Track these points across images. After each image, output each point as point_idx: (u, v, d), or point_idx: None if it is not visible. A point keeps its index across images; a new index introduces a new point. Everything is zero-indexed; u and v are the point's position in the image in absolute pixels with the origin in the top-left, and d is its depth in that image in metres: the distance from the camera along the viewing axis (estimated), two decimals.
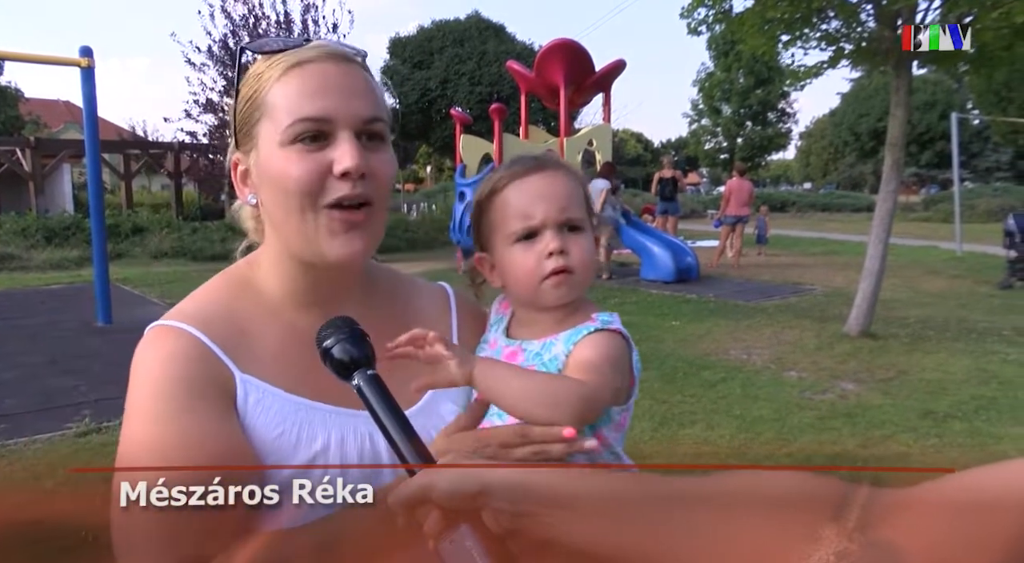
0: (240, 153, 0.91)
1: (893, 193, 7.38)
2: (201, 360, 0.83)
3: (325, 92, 0.83)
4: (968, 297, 10.05)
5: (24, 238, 15.65)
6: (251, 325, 0.89)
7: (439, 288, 1.11)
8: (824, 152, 52.97)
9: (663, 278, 11.34)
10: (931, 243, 17.34)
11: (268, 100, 0.85)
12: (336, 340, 0.77)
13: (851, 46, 7.56)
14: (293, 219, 0.85)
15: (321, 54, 0.86)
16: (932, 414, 5.10)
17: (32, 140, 20.11)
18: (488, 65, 27.83)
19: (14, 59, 8.63)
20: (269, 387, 0.85)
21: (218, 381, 0.83)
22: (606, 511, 0.61)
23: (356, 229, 0.85)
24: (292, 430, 0.85)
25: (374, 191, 0.86)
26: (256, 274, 0.94)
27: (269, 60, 0.87)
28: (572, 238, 0.96)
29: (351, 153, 0.82)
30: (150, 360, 0.83)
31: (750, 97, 38.35)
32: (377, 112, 0.87)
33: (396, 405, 0.76)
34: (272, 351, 0.89)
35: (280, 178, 0.84)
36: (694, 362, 6.55)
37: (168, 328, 0.85)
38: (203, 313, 0.88)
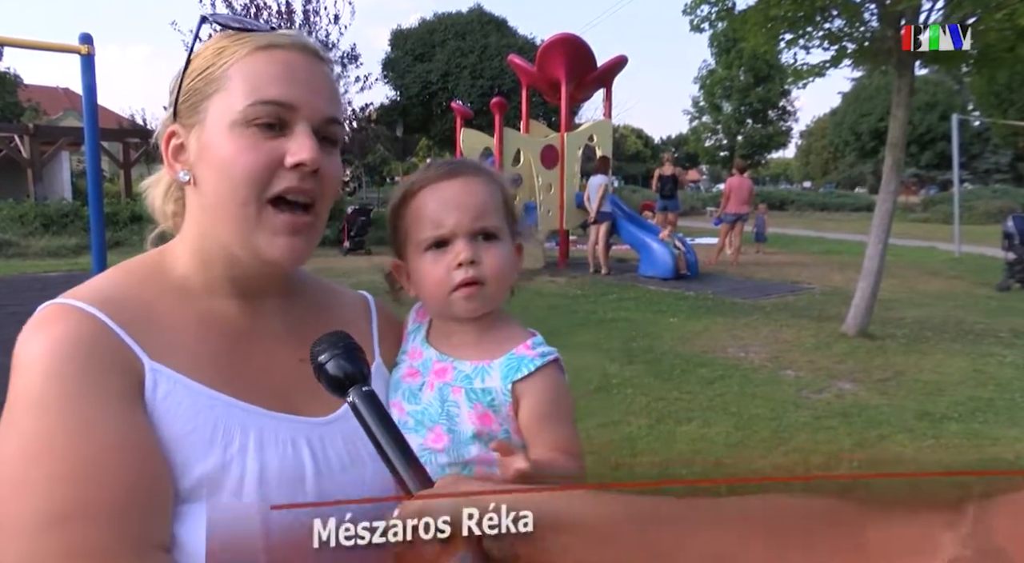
0: (178, 125, 0.83)
1: (893, 193, 7.37)
2: (101, 343, 0.73)
3: (291, 80, 0.79)
4: (966, 298, 10.06)
5: (22, 225, 15.61)
6: (162, 311, 0.81)
7: (360, 296, 1.06)
8: (824, 151, 52.96)
9: (661, 275, 11.35)
10: (930, 244, 17.36)
11: (228, 75, 0.79)
12: (331, 355, 0.74)
13: (854, 46, 7.55)
14: (232, 207, 0.79)
15: (293, 43, 0.82)
16: (929, 415, 5.11)
17: (31, 127, 20.00)
18: (490, 59, 27.79)
19: (13, 45, 8.59)
20: (183, 378, 0.77)
21: (122, 367, 0.73)
22: (611, 536, 0.60)
23: (299, 233, 0.80)
24: (205, 427, 0.75)
25: (321, 192, 0.81)
26: (169, 260, 0.87)
27: (234, 37, 0.82)
28: (486, 247, 0.92)
29: (308, 145, 0.78)
30: (39, 344, 0.72)
31: (751, 95, 38.37)
32: (337, 114, 0.84)
33: (393, 423, 0.73)
34: (186, 340, 0.80)
35: (226, 161, 0.78)
36: (691, 359, 6.55)
37: (62, 307, 0.76)
38: (105, 293, 0.79)
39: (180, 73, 0.83)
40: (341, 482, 0.81)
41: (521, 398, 0.91)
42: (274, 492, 0.77)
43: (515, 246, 0.98)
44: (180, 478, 0.73)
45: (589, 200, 11.75)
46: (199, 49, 0.83)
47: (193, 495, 0.73)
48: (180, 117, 0.83)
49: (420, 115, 29.40)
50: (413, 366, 0.97)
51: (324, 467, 0.82)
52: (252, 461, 0.77)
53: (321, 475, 0.81)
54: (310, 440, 0.83)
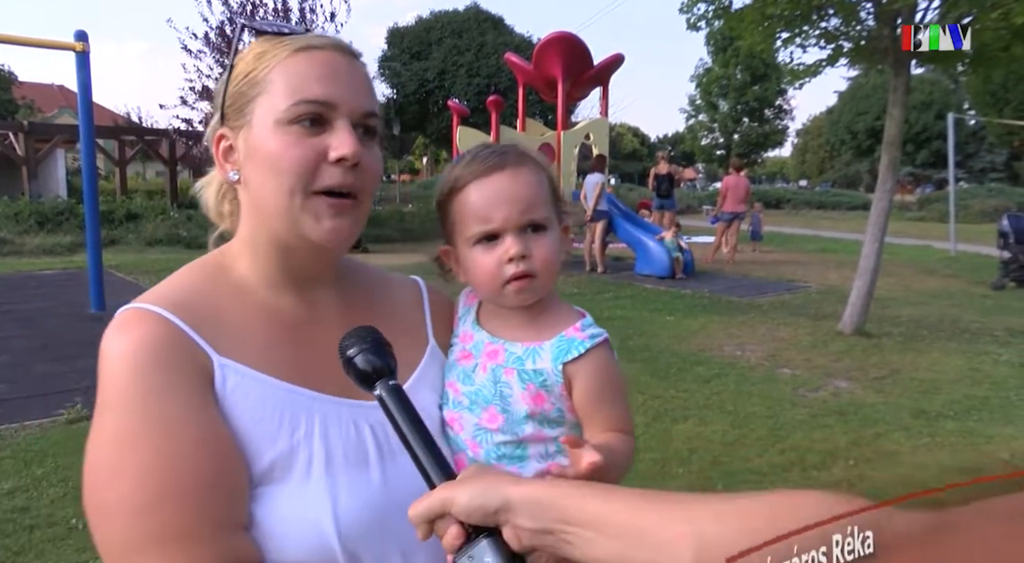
0: (227, 128, 0.88)
1: (889, 192, 7.39)
2: (176, 344, 0.79)
3: (331, 79, 0.84)
4: (961, 297, 10.09)
5: (17, 223, 15.55)
6: (226, 308, 0.86)
7: (412, 281, 1.10)
8: (820, 150, 53.02)
9: (658, 273, 11.36)
10: (926, 242, 17.41)
11: (270, 78, 0.84)
12: (359, 350, 0.77)
13: (850, 45, 7.56)
14: (280, 199, 0.83)
15: (329, 43, 0.87)
16: (924, 413, 5.12)
17: (25, 124, 19.92)
18: (486, 57, 27.76)
19: (8, 42, 8.55)
20: (249, 371, 0.82)
21: (194, 365, 0.79)
22: (635, 531, 0.60)
23: (343, 215, 0.84)
24: (273, 415, 0.82)
25: (363, 183, 0.86)
26: (231, 259, 0.92)
27: (273, 41, 0.87)
28: (535, 239, 0.93)
29: (349, 141, 0.82)
30: (121, 345, 0.78)
31: (747, 93, 38.40)
32: (375, 108, 0.88)
33: (418, 416, 0.75)
34: (249, 334, 0.86)
35: (274, 157, 0.82)
36: (688, 358, 6.55)
37: (139, 311, 0.81)
38: (176, 296, 0.85)
39: (225, 79, 0.88)
40: (405, 462, 0.83)
41: (573, 379, 0.92)
42: (341, 472, 0.83)
43: (562, 229, 0.98)
44: (253, 463, 0.79)
45: (586, 198, 11.74)
46: (240, 54, 0.88)
47: (266, 478, 0.79)
48: (228, 120, 0.88)
49: (417, 113, 29.36)
50: (466, 348, 0.99)
51: (387, 449, 0.88)
52: (318, 445, 0.83)
53: (384, 456, 0.87)
54: (371, 423, 0.88)
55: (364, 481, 0.84)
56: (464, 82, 27.93)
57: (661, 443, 4.53)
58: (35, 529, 3.38)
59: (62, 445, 4.40)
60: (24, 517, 3.50)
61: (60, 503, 3.64)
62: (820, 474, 4.11)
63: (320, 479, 0.81)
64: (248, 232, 0.90)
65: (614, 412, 0.94)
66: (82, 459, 0.79)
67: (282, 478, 0.80)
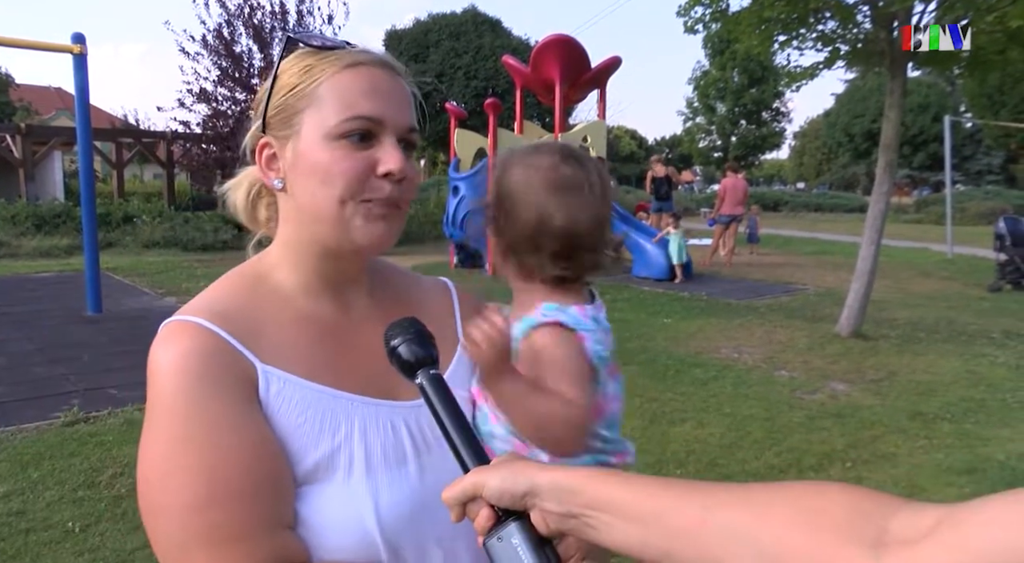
0: (271, 137, 0.92)
1: (886, 194, 7.40)
2: (220, 354, 0.83)
3: (378, 95, 0.88)
4: (958, 299, 10.11)
5: (14, 225, 15.53)
6: (266, 316, 0.91)
7: (441, 282, 1.15)
8: (818, 152, 53.09)
9: (655, 276, 11.36)
10: (922, 245, 17.44)
11: (319, 93, 0.88)
12: (403, 340, 0.80)
13: (847, 47, 7.58)
14: (331, 206, 0.87)
15: (375, 60, 0.91)
16: (921, 415, 5.13)
17: (23, 127, 19.88)
18: (484, 60, 27.77)
19: (5, 45, 8.54)
20: (290, 376, 0.87)
21: (238, 373, 0.83)
22: (653, 516, 0.61)
23: (387, 220, 0.89)
24: (314, 418, 0.86)
25: (406, 194, 0.91)
26: (270, 268, 0.96)
27: (319, 55, 0.90)
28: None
29: (396, 156, 0.87)
30: (168, 357, 0.82)
31: (744, 96, 38.41)
32: (415, 124, 0.93)
33: (456, 405, 0.79)
34: (289, 340, 0.90)
35: (325, 170, 0.87)
36: (685, 360, 6.56)
37: (183, 323, 0.85)
38: (217, 306, 0.88)
39: (268, 89, 0.92)
40: (439, 456, 0.89)
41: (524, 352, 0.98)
42: (381, 471, 0.87)
43: None
44: (297, 465, 0.83)
45: None
46: (284, 66, 0.91)
47: (310, 478, 0.84)
48: (271, 129, 0.91)
49: None
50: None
51: (422, 445, 0.92)
52: (358, 445, 0.87)
53: (420, 453, 0.92)
54: (407, 422, 0.93)
55: (403, 477, 0.89)
56: (462, 85, 27.93)
57: (658, 445, 4.53)
58: (31, 532, 3.38)
59: (58, 448, 4.39)
60: (20, 521, 3.49)
61: (56, 506, 3.64)
62: (817, 476, 4.11)
63: (362, 478, 0.86)
64: (289, 238, 0.94)
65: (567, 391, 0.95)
66: (78, 462, 0.81)
67: (326, 478, 0.84)
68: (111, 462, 4.17)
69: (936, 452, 4.49)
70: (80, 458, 4.22)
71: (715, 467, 4.23)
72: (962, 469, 4.21)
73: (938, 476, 4.13)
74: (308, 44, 0.92)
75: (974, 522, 0.47)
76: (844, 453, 4.45)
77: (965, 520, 0.48)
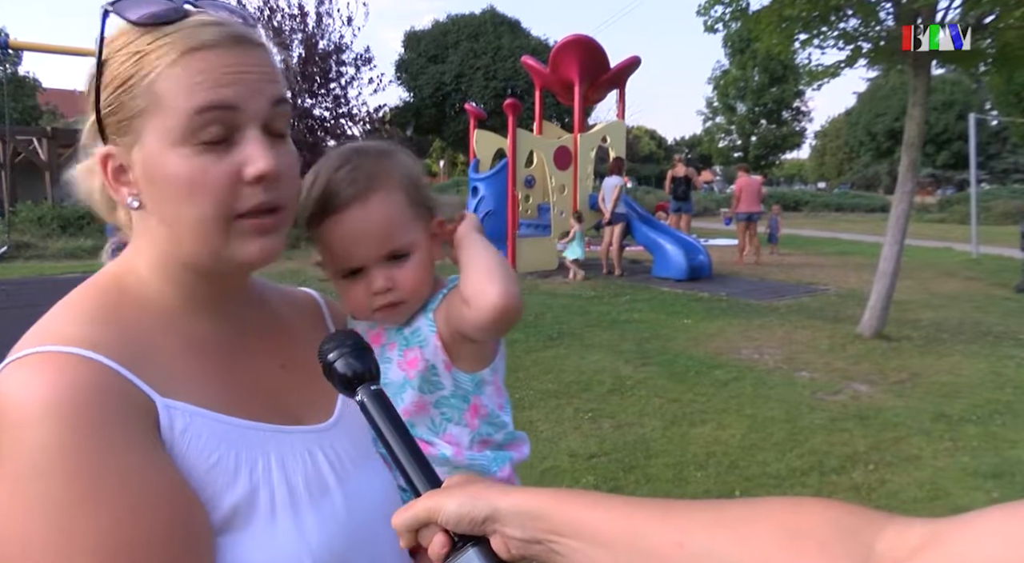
0: (113, 146, 0.75)
1: (909, 194, 7.32)
2: (110, 388, 0.67)
3: (228, 82, 0.72)
4: (984, 300, 9.96)
5: (40, 227, 15.78)
6: (150, 340, 0.75)
7: (307, 294, 1.04)
8: (839, 151, 52.64)
9: (675, 276, 11.32)
10: (946, 245, 17.22)
11: (156, 89, 0.71)
12: (339, 354, 0.74)
13: (869, 45, 7.50)
14: (198, 229, 0.74)
15: (221, 38, 0.73)
16: (946, 417, 5.06)
17: (49, 130, 20.18)
18: (503, 60, 27.81)
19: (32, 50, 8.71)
20: (196, 410, 0.72)
21: (136, 411, 0.68)
22: (625, 541, 0.58)
23: (269, 233, 0.77)
24: (228, 456, 0.73)
25: (286, 194, 0.77)
26: (133, 281, 0.81)
27: (151, 35, 0.72)
28: (398, 268, 0.92)
29: (263, 154, 0.73)
30: (35, 400, 0.63)
31: (765, 95, 38.19)
32: (282, 93, 0.77)
33: (401, 422, 0.73)
34: (183, 368, 0.76)
35: (182, 186, 0.72)
36: (705, 361, 6.52)
37: (47, 355, 0.67)
38: (87, 331, 0.71)
39: (93, 81, 0.74)
40: (359, 478, 0.82)
41: (441, 314, 0.93)
42: (306, 507, 0.77)
43: (435, 223, 0.96)
44: (212, 512, 0.70)
45: (604, 201, 11.73)
46: (111, 49, 0.74)
47: (228, 525, 0.71)
48: (110, 133, 0.75)
49: (433, 116, 29.46)
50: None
51: (342, 472, 0.82)
52: (279, 481, 0.76)
53: (341, 481, 0.82)
54: (323, 447, 0.83)
55: (329, 510, 0.79)
56: (481, 85, 27.99)
57: (678, 447, 4.51)
58: None
59: None
60: None
61: None
62: (839, 478, 4.07)
63: (287, 517, 0.74)
64: (157, 257, 0.80)
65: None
66: None
67: (246, 522, 0.72)
68: None
69: (961, 455, 4.43)
70: None
71: (736, 469, 4.20)
72: (988, 472, 4.15)
73: (963, 479, 4.07)
74: (127, 19, 0.73)
75: (962, 540, 0.46)
76: (867, 455, 4.40)
77: (953, 538, 0.46)
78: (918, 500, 3.79)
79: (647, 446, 4.51)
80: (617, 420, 4.97)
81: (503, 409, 0.98)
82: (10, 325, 5.34)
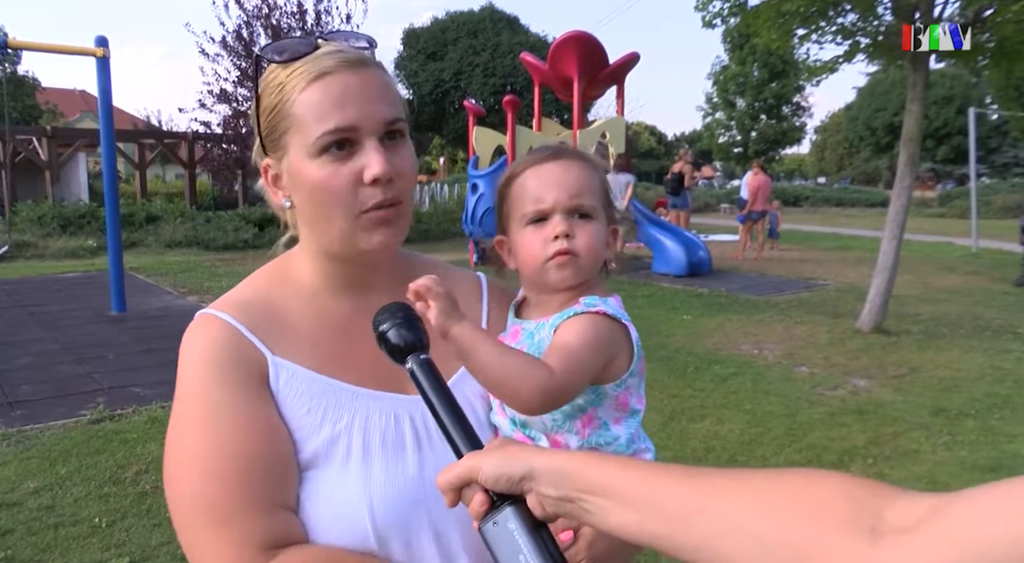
0: (270, 159, 0.95)
1: (908, 189, 7.32)
2: (232, 345, 0.90)
3: (348, 103, 0.88)
4: (983, 294, 9.97)
5: (40, 226, 15.77)
6: (287, 312, 0.96)
7: (473, 275, 1.16)
8: (839, 147, 52.56)
9: (675, 272, 11.33)
10: (946, 239, 17.22)
11: (294, 112, 0.89)
12: (392, 325, 0.81)
13: (867, 40, 7.50)
14: (329, 225, 0.91)
15: (340, 64, 0.89)
16: (944, 412, 5.07)
17: (49, 129, 20.20)
18: (502, 57, 27.77)
19: (31, 49, 8.68)
20: (299, 368, 0.92)
21: (250, 363, 0.90)
22: (650, 501, 0.61)
23: (387, 224, 0.91)
24: (318, 408, 0.90)
25: (402, 190, 0.91)
26: (294, 266, 1.01)
27: (288, 69, 0.91)
28: (580, 224, 0.99)
29: (378, 160, 0.87)
30: (190, 347, 0.91)
31: (764, 90, 38.08)
32: (397, 113, 0.92)
33: (447, 389, 0.78)
34: (304, 335, 0.95)
35: (313, 188, 0.89)
36: (704, 356, 6.53)
37: (207, 316, 0.93)
38: (241, 301, 0.95)
39: (255, 110, 0.94)
40: (441, 450, 0.87)
41: (555, 335, 0.96)
42: (377, 459, 0.90)
43: (610, 229, 1.04)
44: (300, 451, 0.88)
45: (617, 199, 11.67)
46: (263, 84, 0.94)
47: (310, 465, 0.89)
48: (268, 150, 0.95)
49: (433, 114, 29.42)
50: (503, 336, 1.05)
51: (424, 437, 0.94)
52: (357, 434, 0.91)
53: (421, 445, 0.93)
54: (411, 414, 0.95)
55: (400, 468, 0.91)
56: (480, 82, 27.96)
57: (678, 442, 4.52)
58: (60, 527, 3.44)
59: (85, 445, 4.46)
60: (49, 516, 3.56)
61: (84, 502, 3.70)
62: None
63: (357, 466, 0.89)
64: (308, 247, 0.99)
65: (561, 350, 0.92)
66: (104, 459, 0.87)
67: (324, 465, 0.88)
68: (135, 459, 4.23)
69: (960, 449, 4.44)
70: (106, 455, 4.29)
71: (734, 464, 4.21)
72: (987, 466, 4.16)
73: (962, 473, 4.09)
74: (272, 61, 0.92)
75: (969, 512, 0.47)
76: (865, 450, 4.41)
77: (960, 509, 0.48)
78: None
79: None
80: None
81: (620, 423, 1.00)
82: (11, 324, 5.39)
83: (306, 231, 0.97)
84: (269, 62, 0.93)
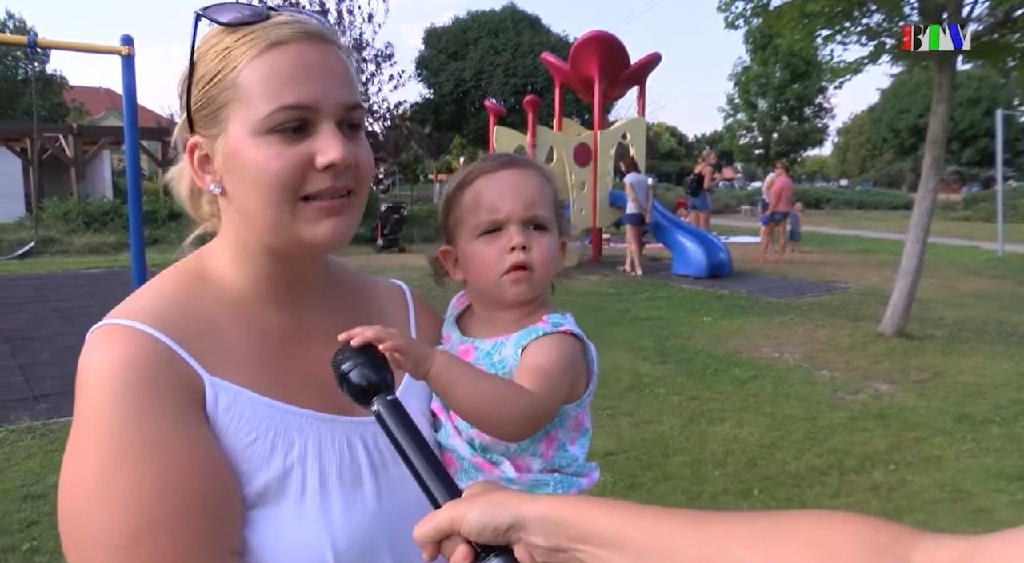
0: (200, 136, 0.81)
1: (932, 191, 7.23)
2: (161, 362, 0.74)
3: (306, 77, 0.77)
4: (1009, 299, 9.82)
5: (65, 223, 16.01)
6: (215, 323, 0.81)
7: (395, 286, 1.07)
8: (862, 148, 52.03)
9: (695, 273, 11.26)
10: (971, 243, 16.98)
11: (240, 81, 0.77)
12: (354, 364, 0.73)
13: (893, 41, 7.41)
14: (269, 212, 0.78)
15: (299, 33, 0.78)
16: (968, 418, 5.00)
17: (74, 127, 20.47)
18: (523, 57, 27.75)
19: (59, 48, 8.82)
20: (241, 390, 0.78)
21: (183, 385, 0.75)
22: (657, 550, 0.57)
23: (338, 214, 0.80)
24: (266, 436, 0.78)
25: (356, 181, 0.81)
26: (214, 267, 0.86)
27: (236, 34, 0.78)
28: (536, 236, 0.95)
29: (335, 145, 0.77)
30: (101, 365, 0.74)
31: (787, 91, 37.77)
32: (357, 98, 0.82)
33: (418, 432, 0.72)
34: (240, 352, 0.81)
35: (256, 170, 0.77)
36: (724, 359, 6.49)
37: (119, 328, 0.76)
38: (158, 310, 0.79)
39: (186, 79, 0.81)
40: (395, 476, 0.83)
41: (528, 350, 0.92)
42: (336, 494, 0.80)
43: (560, 243, 1.00)
44: (246, 486, 0.76)
45: (637, 199, 11.49)
46: (200, 50, 0.80)
47: (259, 501, 0.76)
48: (198, 126, 0.81)
49: (453, 113, 29.47)
50: (445, 349, 0.98)
51: (379, 464, 0.85)
52: (312, 466, 0.80)
53: (377, 473, 0.84)
54: (364, 439, 0.85)
55: (359, 499, 0.81)
56: (501, 82, 27.95)
57: (697, 445, 4.50)
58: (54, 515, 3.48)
59: None
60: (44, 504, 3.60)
61: None
62: (859, 478, 4.04)
63: (315, 501, 0.78)
64: (234, 240, 0.85)
65: (536, 372, 0.88)
66: None
67: (276, 501, 0.77)
68: None
69: (984, 456, 4.38)
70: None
71: (754, 467, 4.18)
72: (1013, 475, 4.10)
73: (986, 481, 4.03)
74: (217, 21, 0.79)
75: (1001, 559, 0.44)
76: (887, 455, 4.36)
77: (986, 558, 0.44)
78: (939, 501, 3.75)
79: (665, 444, 4.50)
80: (635, 417, 4.97)
81: (575, 443, 0.97)
82: (36, 319, 5.45)
83: (238, 222, 0.82)
84: (211, 24, 0.80)
